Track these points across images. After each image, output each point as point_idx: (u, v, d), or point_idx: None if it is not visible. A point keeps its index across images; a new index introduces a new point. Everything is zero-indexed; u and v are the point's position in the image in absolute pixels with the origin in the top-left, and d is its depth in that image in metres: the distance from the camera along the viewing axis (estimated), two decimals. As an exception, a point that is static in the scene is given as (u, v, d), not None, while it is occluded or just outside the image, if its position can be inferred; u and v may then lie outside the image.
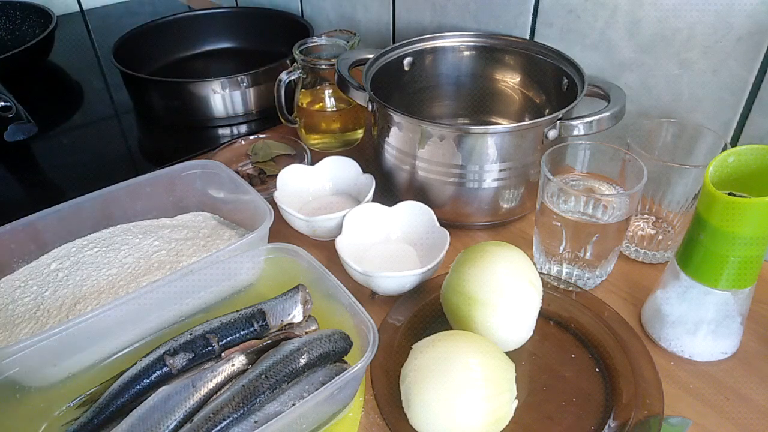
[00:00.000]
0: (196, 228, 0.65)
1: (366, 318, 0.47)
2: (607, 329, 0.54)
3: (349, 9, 1.03)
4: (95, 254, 0.60)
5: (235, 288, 0.58)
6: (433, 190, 0.65)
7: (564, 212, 0.56)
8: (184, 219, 0.67)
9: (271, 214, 0.58)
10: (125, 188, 0.63)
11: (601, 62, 0.70)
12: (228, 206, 0.67)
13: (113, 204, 0.64)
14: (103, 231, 0.63)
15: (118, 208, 0.64)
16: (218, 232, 0.64)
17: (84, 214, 0.62)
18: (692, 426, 0.48)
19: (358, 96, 0.68)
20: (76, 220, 0.62)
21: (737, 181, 0.46)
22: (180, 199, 0.67)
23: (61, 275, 0.58)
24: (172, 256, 0.60)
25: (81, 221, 0.62)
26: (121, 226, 0.64)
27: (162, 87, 0.91)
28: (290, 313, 0.52)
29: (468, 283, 0.50)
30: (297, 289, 0.52)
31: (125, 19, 1.33)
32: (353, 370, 0.44)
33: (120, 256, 0.60)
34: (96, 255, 0.60)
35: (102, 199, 0.62)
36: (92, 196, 0.62)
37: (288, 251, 0.55)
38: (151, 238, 0.62)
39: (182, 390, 0.45)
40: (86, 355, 0.50)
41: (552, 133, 0.60)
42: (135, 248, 0.61)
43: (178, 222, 0.66)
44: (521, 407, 0.47)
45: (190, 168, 0.66)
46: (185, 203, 0.68)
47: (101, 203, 0.63)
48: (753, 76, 0.58)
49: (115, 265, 0.59)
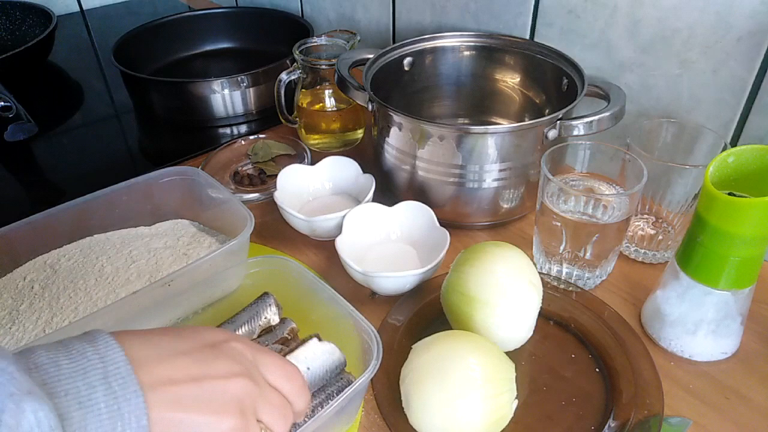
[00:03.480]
0: (176, 236, 0.64)
1: (368, 327, 0.46)
2: (607, 329, 0.54)
3: (349, 9, 1.03)
4: (72, 266, 0.59)
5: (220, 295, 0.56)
6: (433, 190, 0.65)
7: (564, 212, 0.56)
8: (162, 227, 0.65)
9: (252, 220, 0.57)
10: (101, 197, 0.61)
11: (601, 62, 0.70)
12: (208, 213, 0.65)
13: (89, 213, 0.62)
14: (80, 241, 0.62)
15: (94, 217, 0.62)
16: (198, 240, 0.63)
17: (59, 224, 0.60)
18: (692, 426, 0.48)
19: (358, 96, 0.68)
20: (51, 230, 0.60)
21: (737, 181, 0.46)
22: (158, 206, 0.65)
23: (36, 287, 0.57)
24: (151, 265, 0.59)
25: (56, 232, 0.60)
26: (98, 236, 0.63)
27: (162, 87, 0.91)
28: (266, 317, 0.52)
29: (468, 283, 0.50)
30: (267, 294, 0.53)
31: (125, 19, 1.33)
32: (359, 381, 0.43)
33: (97, 267, 0.58)
34: (72, 266, 0.59)
35: (77, 208, 0.60)
36: (67, 205, 0.60)
37: (278, 263, 0.54)
38: (129, 247, 0.61)
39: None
40: None
41: (552, 133, 0.60)
42: (113, 258, 0.59)
43: (157, 230, 0.65)
44: (521, 407, 0.47)
45: (167, 175, 0.65)
46: (164, 211, 0.66)
47: (77, 213, 0.61)
48: (753, 76, 0.58)
49: (92, 276, 0.58)
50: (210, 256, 0.54)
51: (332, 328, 0.51)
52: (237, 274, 0.55)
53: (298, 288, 0.53)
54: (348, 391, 0.42)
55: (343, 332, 0.49)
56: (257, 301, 0.53)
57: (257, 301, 0.53)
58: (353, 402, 0.47)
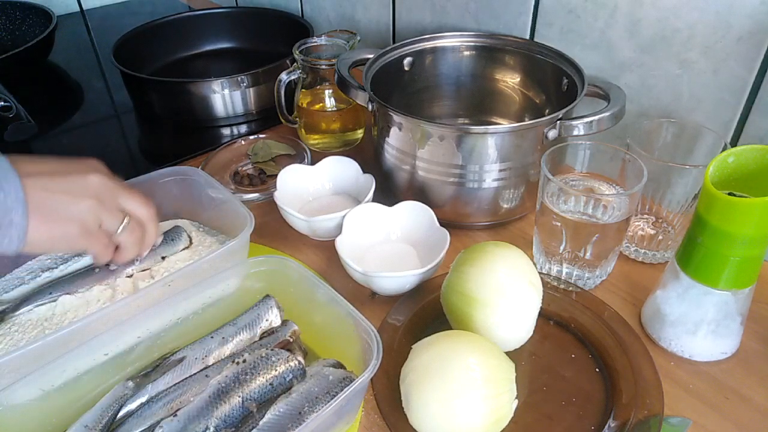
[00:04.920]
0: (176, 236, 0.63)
1: (368, 327, 0.46)
2: (607, 329, 0.54)
3: (349, 9, 1.03)
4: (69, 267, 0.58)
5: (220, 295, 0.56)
6: (433, 190, 0.65)
7: (564, 212, 0.56)
8: (162, 227, 0.64)
9: (252, 220, 0.57)
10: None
11: (601, 62, 0.70)
12: (208, 213, 0.65)
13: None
14: None
15: None
16: (198, 239, 0.63)
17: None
18: (692, 426, 0.48)
19: (358, 96, 0.68)
20: None
21: (737, 181, 0.46)
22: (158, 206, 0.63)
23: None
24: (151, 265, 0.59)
25: None
26: None
27: (162, 87, 0.91)
28: (268, 319, 0.52)
29: (468, 283, 0.50)
30: (268, 297, 0.53)
31: (125, 19, 1.33)
32: (359, 381, 0.43)
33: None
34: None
35: None
36: None
37: (278, 263, 0.54)
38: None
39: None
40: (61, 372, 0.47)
41: (552, 133, 0.60)
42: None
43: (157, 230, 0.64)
44: (521, 407, 0.47)
45: (167, 175, 0.65)
46: (163, 211, 0.65)
47: None
48: (753, 76, 0.58)
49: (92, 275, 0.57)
50: (210, 256, 0.54)
51: (332, 328, 0.51)
52: (237, 274, 0.55)
53: (298, 288, 0.53)
54: (348, 390, 0.42)
55: (343, 332, 0.49)
56: (259, 303, 0.53)
57: (259, 303, 0.53)
58: (353, 402, 0.47)
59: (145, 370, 0.49)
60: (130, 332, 0.50)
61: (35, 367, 0.45)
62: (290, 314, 0.54)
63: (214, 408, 0.44)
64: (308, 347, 0.53)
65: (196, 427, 0.43)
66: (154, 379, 0.48)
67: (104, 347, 0.49)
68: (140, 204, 0.51)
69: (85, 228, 0.46)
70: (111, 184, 0.49)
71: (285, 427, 0.43)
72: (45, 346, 0.46)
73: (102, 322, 0.48)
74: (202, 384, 0.47)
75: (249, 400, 0.45)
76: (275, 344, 0.50)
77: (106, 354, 0.49)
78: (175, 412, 0.45)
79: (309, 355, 0.52)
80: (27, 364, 0.45)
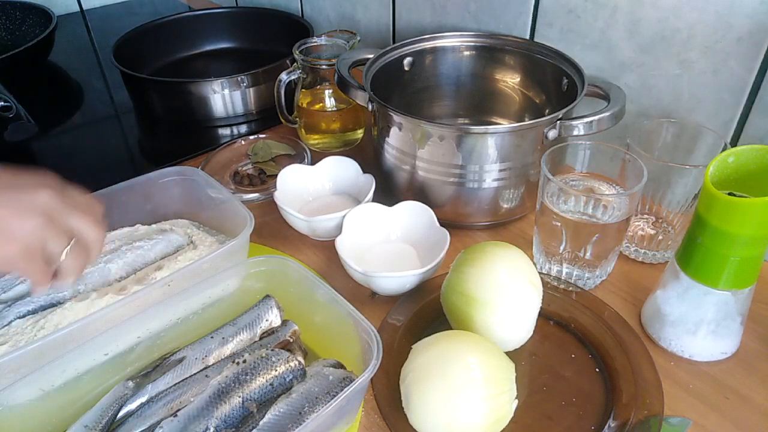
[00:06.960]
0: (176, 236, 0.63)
1: (368, 327, 0.46)
2: (607, 329, 0.54)
3: (349, 9, 1.03)
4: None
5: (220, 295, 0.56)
6: (433, 190, 0.65)
7: (564, 212, 0.56)
8: (162, 227, 0.65)
9: (252, 220, 0.57)
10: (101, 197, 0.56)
11: (601, 62, 0.70)
12: (208, 213, 0.65)
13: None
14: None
15: None
16: (198, 240, 0.63)
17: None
18: (692, 426, 0.48)
19: (358, 96, 0.68)
20: None
21: (737, 181, 0.46)
22: (158, 206, 0.65)
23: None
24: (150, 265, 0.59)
25: None
26: None
27: (162, 87, 0.91)
28: (268, 319, 0.52)
29: (468, 283, 0.50)
30: (268, 297, 0.53)
31: (125, 19, 1.33)
32: (359, 381, 0.43)
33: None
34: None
35: None
36: None
37: (278, 263, 0.54)
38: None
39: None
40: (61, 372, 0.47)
41: (552, 133, 0.60)
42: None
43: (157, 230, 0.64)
44: (521, 407, 0.47)
45: (167, 175, 0.65)
46: (163, 211, 0.66)
47: None
48: (753, 76, 0.58)
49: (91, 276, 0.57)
50: (210, 256, 0.54)
51: (332, 328, 0.51)
52: (237, 274, 0.55)
53: (298, 288, 0.53)
54: (348, 390, 0.42)
55: (343, 332, 0.49)
56: (259, 303, 0.53)
57: (259, 303, 0.53)
58: (353, 402, 0.47)
59: (145, 370, 0.49)
60: (130, 332, 0.50)
61: (35, 367, 0.45)
62: (290, 314, 0.54)
63: (214, 408, 0.44)
64: (308, 347, 0.53)
65: (196, 427, 0.43)
66: (154, 379, 0.48)
67: (104, 347, 0.49)
68: (90, 226, 0.46)
69: (27, 250, 0.42)
70: (61, 203, 0.44)
71: (285, 427, 0.43)
72: (45, 346, 0.46)
73: (102, 322, 0.48)
74: (202, 384, 0.47)
75: (249, 401, 0.45)
76: (275, 344, 0.50)
77: (106, 354, 0.49)
78: (175, 412, 0.45)
79: (309, 355, 0.52)
80: (27, 364, 0.45)
